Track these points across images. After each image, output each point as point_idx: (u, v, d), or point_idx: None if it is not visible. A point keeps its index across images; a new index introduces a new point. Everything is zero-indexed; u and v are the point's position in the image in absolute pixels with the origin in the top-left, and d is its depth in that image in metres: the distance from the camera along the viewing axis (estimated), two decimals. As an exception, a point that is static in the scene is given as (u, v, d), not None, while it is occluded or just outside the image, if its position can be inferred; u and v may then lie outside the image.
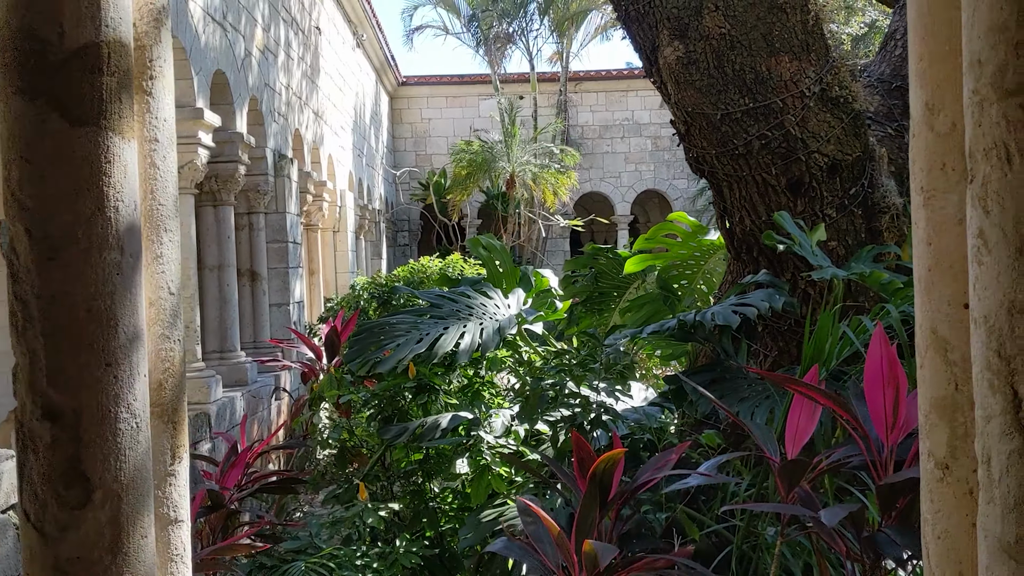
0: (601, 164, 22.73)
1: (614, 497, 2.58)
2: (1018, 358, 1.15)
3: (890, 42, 4.50)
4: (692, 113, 3.75)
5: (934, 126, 1.32)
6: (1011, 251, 1.15)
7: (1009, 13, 1.14)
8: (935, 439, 1.33)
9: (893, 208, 3.96)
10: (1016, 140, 1.14)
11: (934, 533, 1.34)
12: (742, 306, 3.31)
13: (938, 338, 1.33)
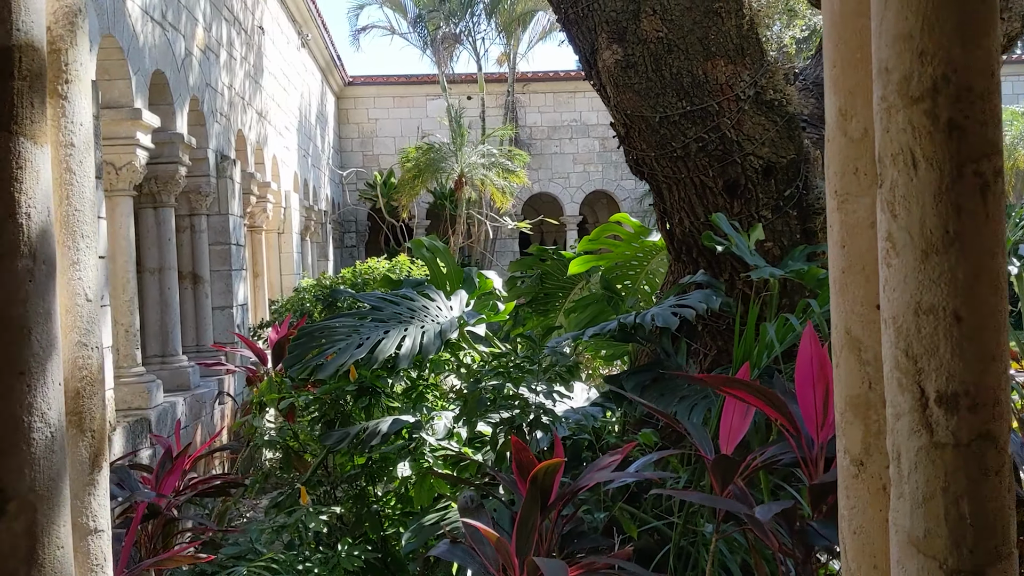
0: (550, 165, 22.80)
1: (555, 500, 2.59)
2: (925, 357, 1.18)
3: (825, 46, 4.58)
4: (631, 116, 3.79)
5: (847, 131, 1.35)
6: (917, 254, 1.18)
7: (914, 22, 1.17)
8: (850, 437, 1.37)
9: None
10: (922, 146, 1.18)
11: (850, 528, 1.37)
12: (680, 307, 3.35)
13: (852, 338, 1.37)
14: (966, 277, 1.15)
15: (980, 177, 1.16)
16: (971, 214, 1.16)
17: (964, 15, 1.15)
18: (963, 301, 1.15)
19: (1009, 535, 1.17)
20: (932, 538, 1.17)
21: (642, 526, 3.21)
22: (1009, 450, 1.18)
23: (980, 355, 1.16)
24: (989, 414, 1.16)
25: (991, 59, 1.16)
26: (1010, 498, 1.18)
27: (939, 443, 1.17)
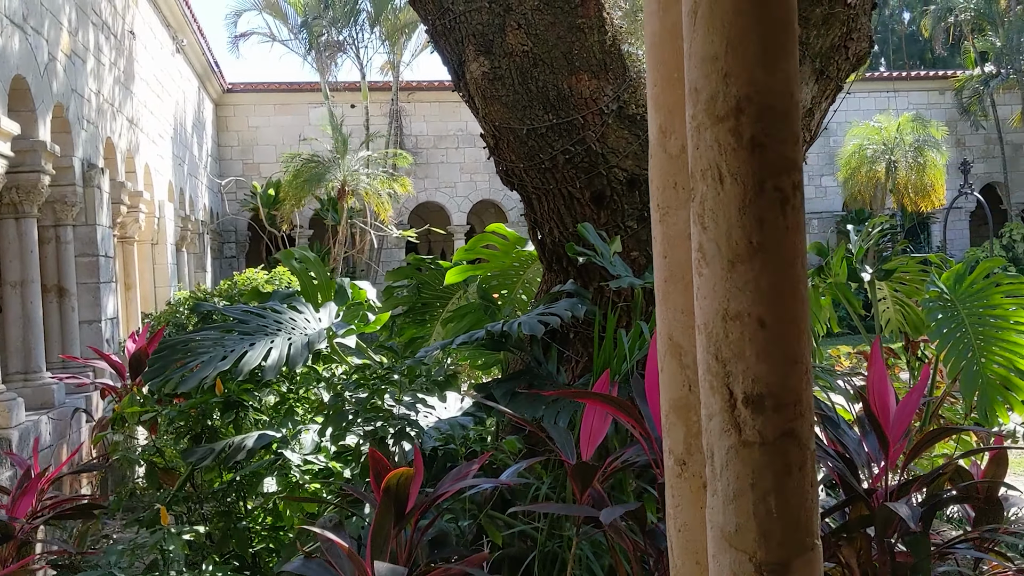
0: (436, 174, 22.80)
1: (412, 509, 2.60)
2: (733, 361, 1.25)
3: (687, 62, 4.75)
4: (500, 127, 3.84)
5: (667, 148, 1.42)
6: (725, 263, 1.25)
7: (719, 46, 1.24)
8: (673, 437, 1.43)
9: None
10: (727, 162, 1.25)
11: (675, 526, 1.43)
12: (547, 315, 3.42)
13: (674, 344, 1.43)
14: (769, 285, 1.23)
15: (780, 192, 1.24)
16: (773, 226, 1.23)
17: (765, 40, 1.23)
18: (767, 308, 1.23)
19: (812, 528, 1.25)
20: (743, 533, 1.24)
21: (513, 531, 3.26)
22: (811, 447, 1.26)
23: (783, 358, 1.24)
24: (792, 413, 1.24)
25: (790, 82, 1.25)
26: (813, 492, 1.26)
27: (747, 442, 1.24)
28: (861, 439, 2.70)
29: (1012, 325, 5.16)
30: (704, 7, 1.24)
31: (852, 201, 21.67)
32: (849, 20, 4.70)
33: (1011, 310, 5.21)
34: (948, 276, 5.39)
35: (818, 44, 4.63)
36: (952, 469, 2.70)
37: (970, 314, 5.20)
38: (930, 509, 2.62)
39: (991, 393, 4.99)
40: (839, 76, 4.87)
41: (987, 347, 5.11)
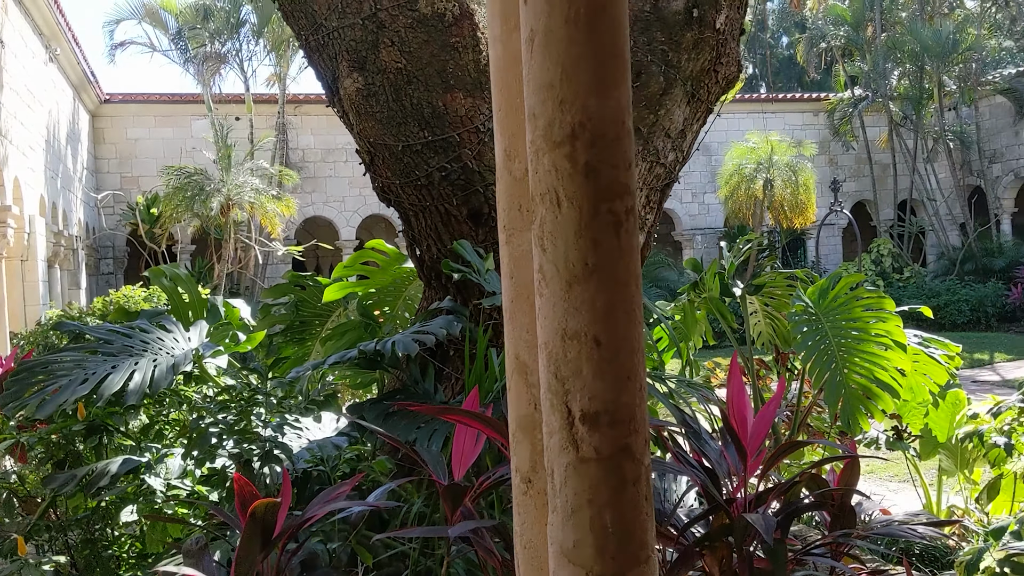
0: (324, 188, 22.51)
1: (279, 534, 2.56)
2: (571, 379, 1.28)
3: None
4: (375, 144, 3.83)
5: (511, 171, 1.45)
6: (563, 284, 1.28)
7: (555, 73, 1.27)
8: (519, 455, 1.46)
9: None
10: (564, 187, 1.28)
11: (521, 544, 1.45)
12: (422, 333, 3.41)
13: (520, 363, 1.46)
14: (604, 305, 1.26)
15: (614, 215, 1.27)
16: (607, 248, 1.27)
17: (598, 69, 1.27)
18: (602, 327, 1.26)
19: (647, 540, 1.29)
20: (580, 548, 1.26)
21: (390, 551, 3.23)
22: (646, 461, 1.30)
23: (618, 376, 1.27)
24: (627, 429, 1.28)
25: (622, 110, 1.29)
26: (648, 506, 1.30)
27: (584, 458, 1.27)
28: (722, 450, 2.80)
29: (872, 337, 5.43)
30: (540, 36, 1.28)
31: (733, 218, 22.44)
32: (719, 45, 4.89)
33: (871, 323, 5.48)
34: (813, 291, 5.64)
35: (689, 68, 4.79)
36: (807, 477, 2.81)
37: (833, 327, 5.45)
38: (787, 517, 2.73)
39: (853, 402, 5.24)
40: (710, 99, 5.05)
41: (849, 358, 5.36)
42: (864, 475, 8.18)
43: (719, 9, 4.83)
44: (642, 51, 4.67)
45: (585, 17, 1.26)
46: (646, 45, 4.70)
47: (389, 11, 3.62)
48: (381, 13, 3.63)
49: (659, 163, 4.83)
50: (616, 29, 1.28)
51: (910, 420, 6.03)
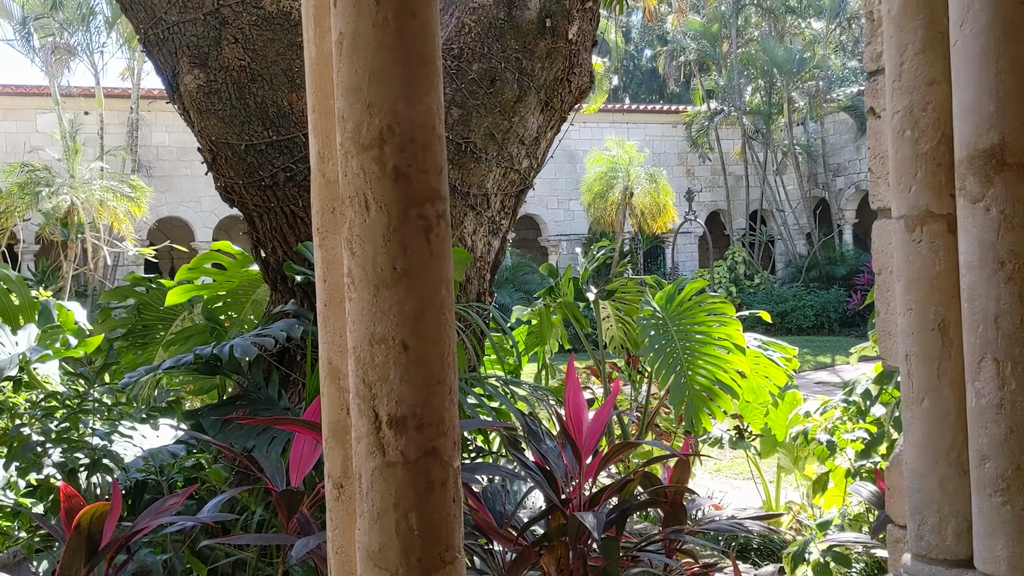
0: (180, 187, 21.67)
1: (107, 545, 2.45)
2: (378, 384, 1.28)
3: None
4: (217, 143, 3.72)
5: (324, 173, 1.43)
6: (371, 288, 1.27)
7: (363, 77, 1.27)
8: (332, 461, 1.44)
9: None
10: (372, 190, 1.27)
11: (333, 549, 1.44)
12: (262, 337, 3.34)
13: (333, 368, 1.45)
14: (413, 310, 1.27)
15: (424, 220, 1.28)
16: (416, 253, 1.27)
17: (408, 74, 1.27)
18: (410, 331, 1.27)
19: (454, 541, 1.30)
20: (386, 551, 1.26)
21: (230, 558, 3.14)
22: (455, 464, 1.31)
23: (426, 380, 1.28)
24: (434, 432, 1.28)
25: (432, 115, 1.30)
26: (455, 508, 1.31)
27: (391, 462, 1.27)
28: (561, 452, 2.85)
29: (715, 340, 5.66)
30: (348, 39, 1.27)
31: (596, 224, 22.92)
32: (571, 55, 4.99)
33: (714, 327, 5.71)
34: (661, 296, 5.83)
35: (543, 76, 4.87)
36: (640, 475, 2.90)
37: (679, 331, 5.64)
38: (620, 515, 2.80)
39: (697, 403, 5.44)
40: (563, 108, 5.15)
41: (693, 361, 5.56)
42: (711, 473, 8.51)
43: (571, 20, 4.93)
44: (496, 58, 4.72)
45: (394, 22, 1.26)
46: (500, 52, 4.75)
47: (233, 7, 3.53)
48: (224, 9, 3.54)
49: (513, 169, 4.88)
50: (426, 35, 1.29)
51: (751, 420, 6.29)
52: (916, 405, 1.93)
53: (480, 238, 4.66)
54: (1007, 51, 1.72)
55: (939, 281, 1.88)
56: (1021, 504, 1.71)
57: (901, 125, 1.93)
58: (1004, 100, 1.72)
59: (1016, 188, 1.72)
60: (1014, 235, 1.72)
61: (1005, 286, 1.73)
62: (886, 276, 2.15)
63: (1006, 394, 1.73)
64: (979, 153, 1.75)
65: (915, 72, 1.89)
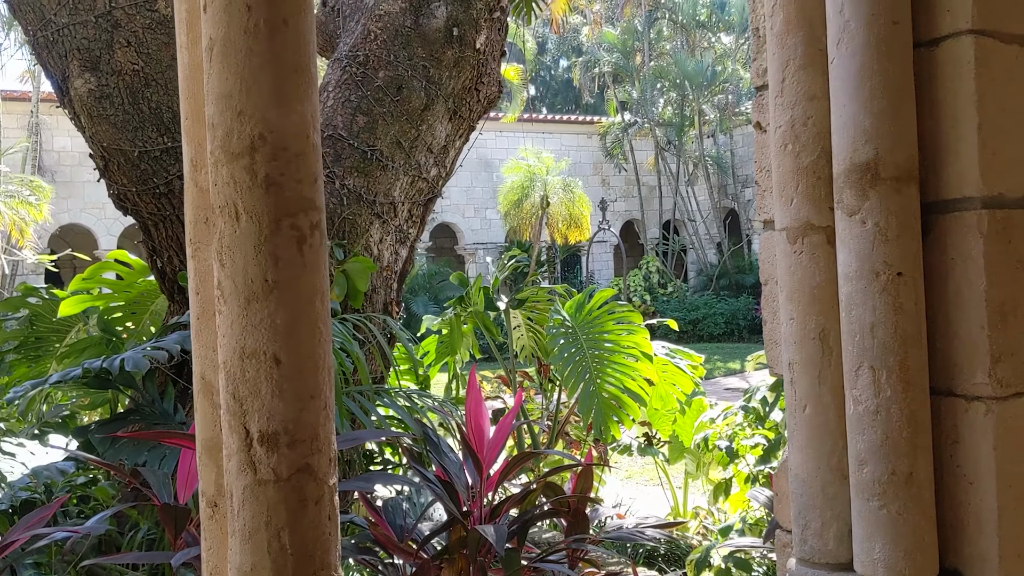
0: (83, 193, 20.95)
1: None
2: (249, 399, 1.24)
3: (323, 93, 4.79)
4: (109, 148, 3.60)
5: (197, 182, 1.39)
6: (241, 301, 1.24)
7: (234, 84, 1.23)
8: (205, 479, 1.40)
9: (321, 249, 4.19)
10: (243, 200, 1.24)
11: (207, 570, 1.40)
12: (155, 349, 3.24)
13: (206, 383, 1.40)
14: (285, 323, 1.24)
15: (297, 230, 1.25)
16: (289, 264, 1.24)
17: (279, 82, 1.24)
18: (282, 345, 1.23)
19: (329, 560, 1.27)
20: (257, 571, 1.23)
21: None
22: (331, 481, 1.28)
23: (299, 395, 1.25)
24: (308, 449, 1.25)
25: (306, 124, 1.27)
26: (332, 525, 1.28)
27: (262, 480, 1.23)
28: (463, 463, 2.84)
29: (623, 349, 5.72)
30: (219, 45, 1.24)
31: (513, 233, 23.02)
32: (479, 64, 5.00)
33: (623, 335, 5.77)
34: (571, 305, 5.87)
35: (451, 85, 4.87)
36: (542, 485, 2.91)
37: (588, 339, 5.69)
38: (522, 526, 2.80)
39: (605, 411, 5.49)
40: (472, 116, 5.15)
41: (602, 369, 5.61)
42: (623, 480, 8.61)
43: (479, 30, 4.95)
44: (403, 66, 4.70)
45: (266, 29, 1.23)
46: (407, 60, 4.73)
47: (125, 10, 3.43)
48: (117, 12, 3.43)
49: (421, 177, 4.86)
50: (300, 43, 1.26)
51: (660, 427, 6.38)
52: (799, 412, 1.98)
53: (387, 247, 4.62)
54: (881, 69, 1.78)
55: (819, 291, 1.93)
56: (897, 507, 1.77)
57: (783, 139, 1.97)
58: (879, 116, 1.78)
59: (890, 201, 1.77)
60: (888, 247, 1.78)
61: (880, 296, 1.78)
62: (771, 286, 2.20)
63: (882, 401, 1.78)
64: (856, 167, 1.80)
65: (796, 88, 1.94)
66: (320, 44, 5.52)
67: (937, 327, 1.83)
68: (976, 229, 1.76)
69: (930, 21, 1.82)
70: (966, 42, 1.77)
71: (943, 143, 1.82)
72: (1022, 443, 1.79)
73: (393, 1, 4.77)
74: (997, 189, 1.77)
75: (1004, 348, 1.77)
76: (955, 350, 1.81)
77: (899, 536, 1.76)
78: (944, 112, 1.81)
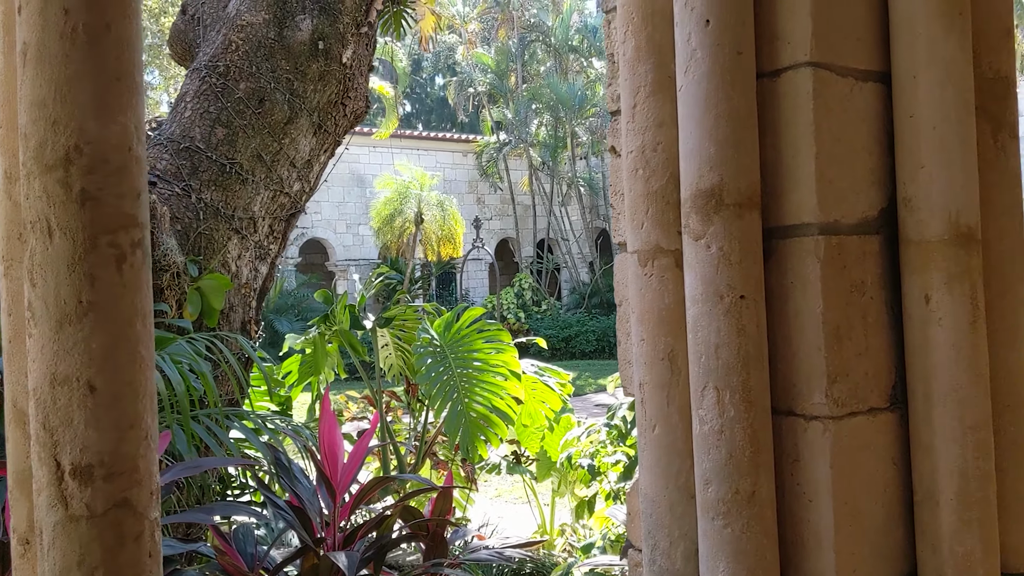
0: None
1: None
2: (61, 430, 1.15)
3: (181, 103, 4.61)
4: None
5: (11, 195, 1.30)
6: (53, 324, 1.15)
7: (48, 91, 1.15)
8: (17, 514, 1.30)
9: (175, 266, 4.02)
10: (56, 215, 1.16)
11: (14, 615, 1.29)
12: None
13: (18, 411, 1.30)
14: (101, 347, 1.16)
15: (116, 248, 1.18)
16: (107, 284, 1.17)
17: (99, 91, 1.17)
18: (98, 371, 1.16)
19: (150, 599, 1.19)
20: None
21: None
22: (152, 515, 1.21)
23: (117, 424, 1.17)
24: (127, 482, 1.18)
25: (128, 136, 1.20)
26: (153, 563, 1.20)
27: (74, 516, 1.15)
28: (316, 489, 2.75)
29: (492, 367, 5.72)
30: (33, 49, 1.16)
31: (386, 250, 22.82)
32: (346, 79, 4.92)
33: (491, 354, 5.78)
34: (439, 324, 5.84)
35: (315, 99, 4.78)
36: (399, 509, 2.85)
37: (457, 358, 5.66)
38: (378, 551, 2.73)
39: (473, 431, 5.47)
40: (337, 131, 5.07)
41: (471, 388, 5.59)
42: (492, 499, 8.61)
43: (346, 44, 4.88)
44: (266, 78, 4.58)
45: (84, 34, 1.16)
46: (270, 72, 4.61)
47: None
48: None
49: (283, 192, 4.74)
50: (123, 49, 1.19)
51: (528, 444, 6.41)
52: (649, 432, 2.00)
53: (245, 263, 4.48)
54: (725, 98, 1.83)
55: (668, 313, 1.96)
56: (739, 526, 1.80)
57: (634, 164, 2.01)
58: (722, 144, 1.83)
59: (732, 226, 1.82)
60: (731, 271, 1.82)
61: (724, 318, 1.82)
62: (625, 307, 2.23)
63: (726, 421, 1.82)
64: (701, 193, 1.84)
65: (647, 114, 1.98)
66: (179, 53, 5.33)
67: (778, 348, 1.89)
68: (813, 254, 1.83)
69: (772, 52, 1.89)
70: (805, 74, 1.84)
71: (784, 171, 1.88)
72: (857, 461, 1.86)
73: (256, 12, 4.65)
74: (833, 216, 1.85)
75: (839, 369, 1.84)
76: (795, 371, 1.87)
77: (742, 555, 1.79)
78: (785, 141, 1.88)
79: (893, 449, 1.91)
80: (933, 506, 1.86)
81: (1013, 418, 2.00)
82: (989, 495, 1.86)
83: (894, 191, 1.92)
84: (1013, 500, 1.96)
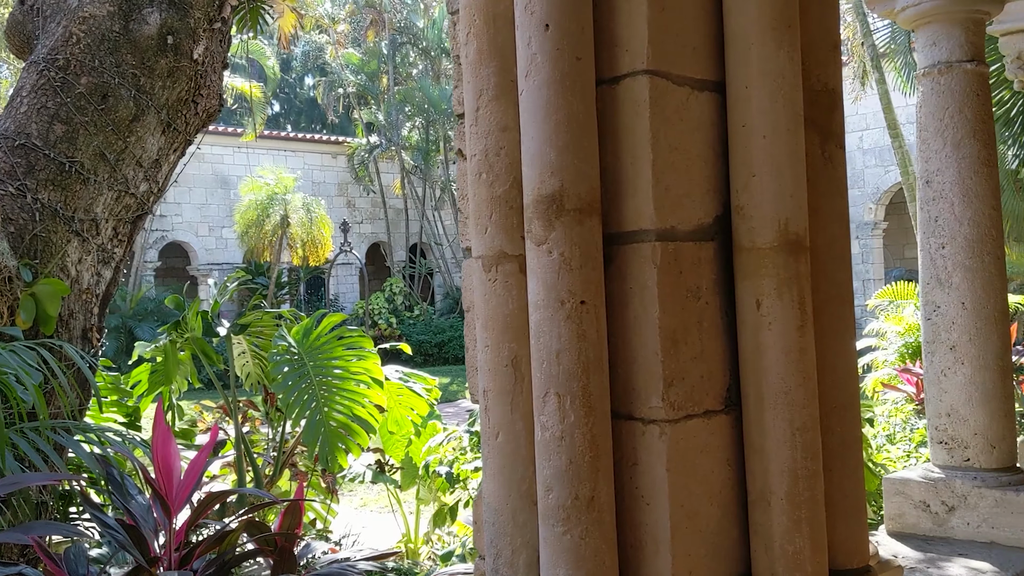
0: None
1: None
2: None
3: (17, 98, 4.32)
4: None
5: None
6: None
7: None
8: None
9: (6, 271, 3.76)
10: None
11: None
12: None
13: None
14: None
15: None
16: None
17: None
18: None
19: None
20: None
21: None
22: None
23: None
24: None
25: None
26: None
27: None
28: (151, 506, 2.61)
29: (353, 375, 5.60)
30: None
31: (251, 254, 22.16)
32: (198, 76, 4.73)
33: (352, 361, 5.66)
34: (298, 330, 5.68)
35: (164, 96, 4.56)
36: (244, 524, 2.74)
37: (316, 366, 5.52)
38: (220, 568, 2.61)
39: (332, 440, 5.34)
40: (188, 130, 4.86)
41: (331, 397, 5.46)
42: (357, 508, 8.46)
43: (197, 40, 4.69)
44: (110, 73, 4.35)
45: None
46: (115, 67, 4.38)
47: None
48: None
49: (129, 193, 4.51)
50: None
51: (393, 452, 6.32)
52: (492, 440, 1.98)
53: (87, 267, 4.23)
54: (565, 104, 1.83)
55: (512, 319, 1.94)
56: (579, 532, 1.80)
57: (478, 168, 1.98)
58: (563, 149, 1.82)
59: (573, 232, 1.82)
60: (572, 276, 1.82)
61: (565, 324, 1.82)
62: (472, 313, 2.20)
63: (567, 427, 1.82)
64: (542, 198, 1.83)
65: (490, 118, 1.96)
66: (17, 45, 5.00)
67: (618, 353, 1.90)
68: (651, 260, 1.85)
69: (611, 59, 1.90)
70: (642, 82, 1.86)
71: (623, 177, 1.89)
72: (693, 463, 1.89)
73: (100, 4, 4.41)
74: (669, 223, 1.87)
75: (676, 373, 1.86)
76: (634, 375, 1.89)
77: (581, 561, 1.79)
78: (624, 148, 1.89)
79: (728, 451, 1.95)
80: (765, 506, 1.91)
81: (841, 419, 2.08)
82: (817, 495, 1.92)
83: (729, 199, 1.96)
84: (840, 498, 2.04)
